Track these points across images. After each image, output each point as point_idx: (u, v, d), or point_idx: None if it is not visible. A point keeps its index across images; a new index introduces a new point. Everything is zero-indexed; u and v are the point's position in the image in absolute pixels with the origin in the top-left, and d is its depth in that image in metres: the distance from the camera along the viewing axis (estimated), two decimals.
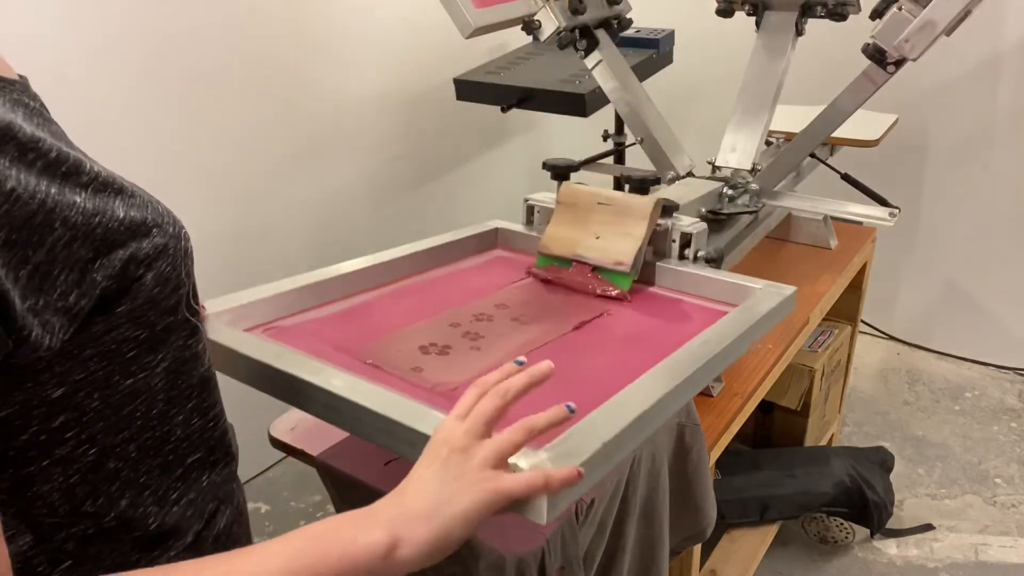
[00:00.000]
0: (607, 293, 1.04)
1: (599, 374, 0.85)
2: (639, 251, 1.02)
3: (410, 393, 0.75)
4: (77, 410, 0.51)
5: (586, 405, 0.68)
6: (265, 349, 0.78)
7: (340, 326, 0.94)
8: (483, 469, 0.55)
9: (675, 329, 0.97)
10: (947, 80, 2.14)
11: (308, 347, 0.85)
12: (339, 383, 0.71)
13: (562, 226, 1.10)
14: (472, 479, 0.55)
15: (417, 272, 1.13)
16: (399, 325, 0.94)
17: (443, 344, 0.89)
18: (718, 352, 0.81)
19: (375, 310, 1.00)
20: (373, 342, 0.88)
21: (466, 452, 0.56)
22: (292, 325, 0.93)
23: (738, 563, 1.54)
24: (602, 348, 0.91)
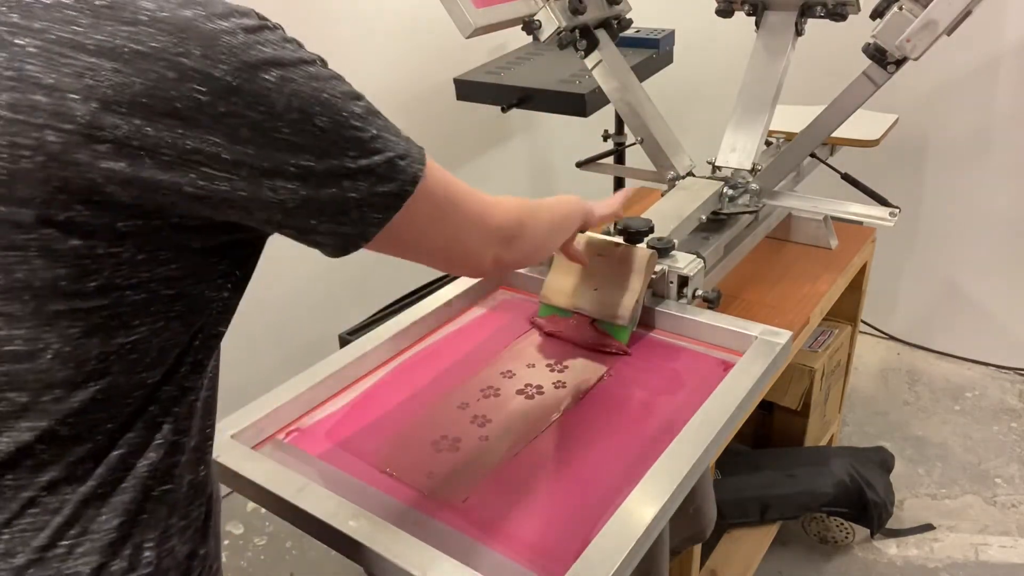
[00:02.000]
0: (607, 348, 1.09)
1: (603, 460, 0.90)
2: (636, 304, 1.07)
3: (425, 509, 0.83)
4: (214, 345, 0.63)
5: (589, 503, 0.81)
6: (287, 481, 0.83)
7: (355, 421, 0.98)
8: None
9: (675, 393, 1.01)
10: (947, 80, 2.14)
11: (327, 455, 0.92)
12: (355, 525, 0.77)
13: (561, 275, 1.14)
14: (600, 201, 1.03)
15: (427, 334, 1.16)
16: (412, 411, 0.99)
17: (453, 437, 0.94)
18: (715, 435, 0.86)
19: (387, 394, 1.03)
20: (389, 443, 0.93)
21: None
22: (310, 427, 0.98)
23: (738, 563, 1.54)
24: (604, 424, 0.95)
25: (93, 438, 0.56)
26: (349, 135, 0.57)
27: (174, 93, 0.49)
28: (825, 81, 1.61)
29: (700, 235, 1.32)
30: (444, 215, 0.67)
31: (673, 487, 0.78)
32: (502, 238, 0.75)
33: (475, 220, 0.72)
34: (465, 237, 0.72)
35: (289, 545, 1.88)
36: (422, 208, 0.64)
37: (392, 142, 0.61)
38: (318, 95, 0.55)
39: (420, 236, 0.67)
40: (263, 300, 1.87)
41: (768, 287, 1.36)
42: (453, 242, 0.71)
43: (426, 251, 0.70)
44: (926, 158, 2.26)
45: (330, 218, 0.58)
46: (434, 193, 0.65)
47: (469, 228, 0.72)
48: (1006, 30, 2.02)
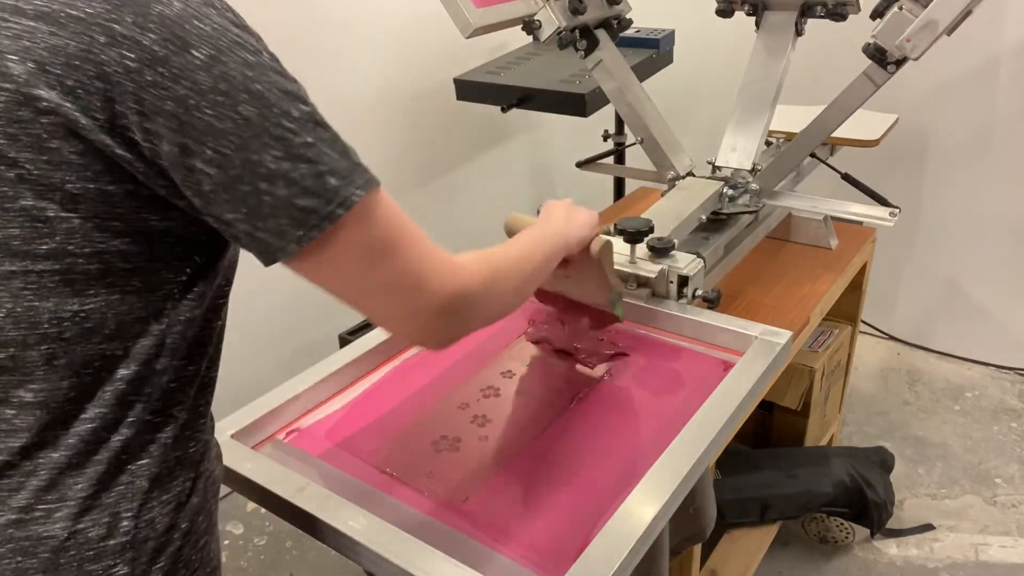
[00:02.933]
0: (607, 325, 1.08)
1: (603, 459, 0.90)
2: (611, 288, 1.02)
3: (425, 509, 0.83)
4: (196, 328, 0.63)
5: (589, 502, 0.82)
6: (287, 481, 0.83)
7: (356, 421, 0.98)
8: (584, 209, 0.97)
9: (675, 393, 1.01)
10: (947, 80, 2.14)
11: (327, 455, 0.92)
12: (355, 525, 0.77)
13: None
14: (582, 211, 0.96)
15: None
16: (412, 411, 1.00)
17: (454, 437, 0.94)
18: (715, 435, 0.86)
19: (387, 394, 1.04)
20: (389, 443, 0.93)
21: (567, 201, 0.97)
22: (310, 427, 0.98)
23: (738, 563, 1.54)
24: (605, 424, 0.95)
25: (61, 408, 0.57)
26: (276, 132, 0.55)
27: (104, 57, 0.51)
28: (825, 81, 1.60)
29: (700, 235, 1.32)
30: (377, 260, 0.60)
31: (673, 487, 0.78)
32: (449, 309, 0.64)
33: (413, 280, 0.62)
34: (395, 295, 0.62)
35: (289, 545, 1.88)
36: (353, 242, 0.58)
37: (329, 157, 0.57)
38: (248, 83, 0.54)
39: (347, 275, 0.60)
40: (263, 300, 1.87)
41: (768, 287, 1.36)
42: (382, 296, 0.62)
43: (353, 295, 0.62)
44: (926, 158, 2.26)
45: (246, 218, 0.56)
46: (372, 230, 0.59)
47: (404, 287, 0.62)
48: (1006, 30, 2.02)
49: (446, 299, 0.64)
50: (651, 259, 1.14)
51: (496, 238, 2.52)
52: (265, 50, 0.57)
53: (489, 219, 2.56)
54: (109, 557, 0.58)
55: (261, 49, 0.56)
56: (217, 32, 0.54)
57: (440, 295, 0.63)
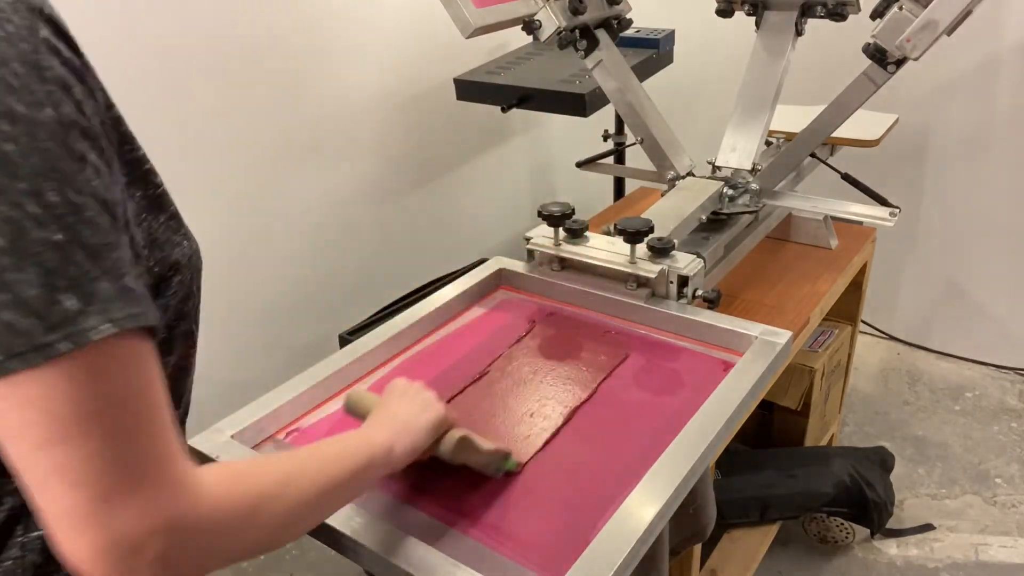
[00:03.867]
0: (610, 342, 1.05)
1: (603, 459, 0.89)
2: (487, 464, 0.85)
3: (425, 509, 0.82)
4: None
5: (589, 503, 0.81)
6: None
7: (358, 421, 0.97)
8: (432, 397, 0.79)
9: (675, 393, 1.01)
10: (947, 80, 2.14)
11: None
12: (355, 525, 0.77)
13: None
14: (427, 401, 0.78)
15: (426, 335, 1.16)
16: None
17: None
18: (715, 435, 0.86)
19: None
20: None
21: (415, 386, 0.81)
22: (310, 427, 0.97)
23: (738, 563, 1.54)
24: (605, 424, 0.95)
25: None
26: (7, 214, 0.40)
27: None
28: (825, 81, 1.61)
29: (700, 235, 1.32)
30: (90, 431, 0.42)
31: (673, 487, 0.78)
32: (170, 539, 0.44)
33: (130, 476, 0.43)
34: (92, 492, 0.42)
35: (289, 545, 1.88)
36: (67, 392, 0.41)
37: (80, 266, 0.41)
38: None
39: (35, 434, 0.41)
40: (263, 300, 1.87)
41: (768, 287, 1.36)
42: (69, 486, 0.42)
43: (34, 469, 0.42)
44: (926, 158, 2.26)
45: None
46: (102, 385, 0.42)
47: (113, 483, 0.43)
48: (1006, 30, 2.02)
49: (165, 520, 0.44)
50: (651, 259, 1.14)
51: (495, 238, 2.53)
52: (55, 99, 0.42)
53: (489, 219, 2.56)
54: None
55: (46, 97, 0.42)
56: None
57: (157, 511, 0.44)
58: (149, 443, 0.44)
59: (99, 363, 0.42)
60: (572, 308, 1.20)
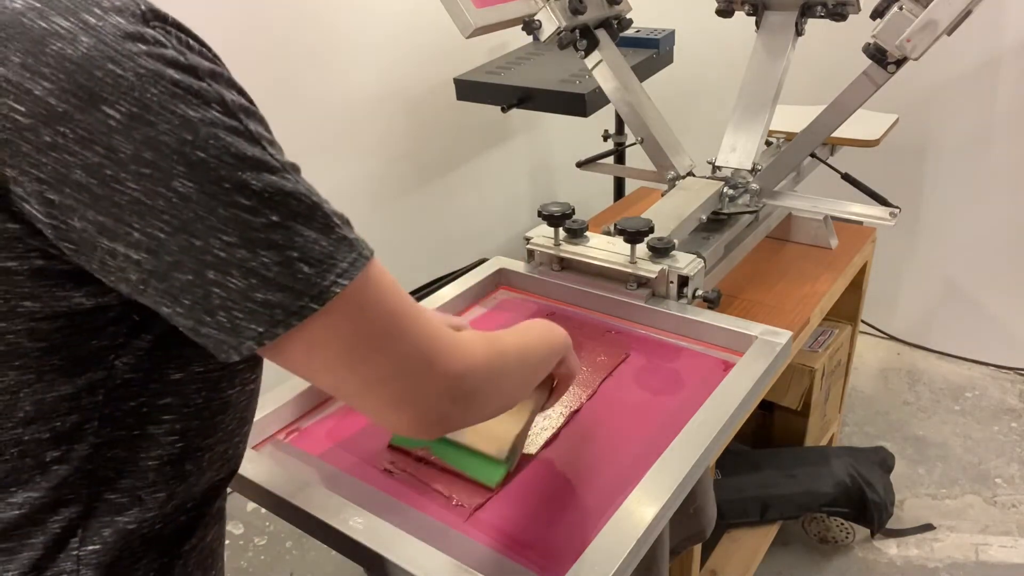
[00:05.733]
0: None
1: (603, 459, 0.89)
2: (517, 438, 0.86)
3: (425, 509, 0.82)
4: (184, 398, 0.53)
5: (589, 502, 0.81)
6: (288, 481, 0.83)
7: (356, 421, 0.98)
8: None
9: (675, 393, 1.01)
10: (947, 80, 2.14)
11: (327, 455, 0.91)
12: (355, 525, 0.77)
13: None
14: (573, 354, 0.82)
15: None
16: None
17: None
18: (715, 435, 0.86)
19: None
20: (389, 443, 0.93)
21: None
22: (310, 426, 0.97)
23: (738, 563, 1.54)
24: (605, 424, 0.95)
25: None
26: (226, 213, 0.43)
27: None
28: (825, 81, 1.61)
29: (700, 235, 1.32)
30: (371, 351, 0.50)
31: (673, 487, 0.78)
32: (456, 394, 0.55)
33: (415, 365, 0.52)
34: (404, 381, 0.52)
35: (289, 545, 1.88)
36: (335, 336, 0.48)
37: (302, 238, 0.46)
38: (186, 150, 0.41)
39: (333, 366, 0.50)
40: None
41: (768, 287, 1.36)
42: (382, 385, 0.51)
43: (342, 390, 0.52)
44: (926, 158, 2.26)
45: (188, 312, 0.45)
46: (360, 320, 0.49)
47: (411, 371, 0.52)
48: (1006, 30, 2.02)
49: (452, 382, 0.55)
50: (651, 259, 1.14)
51: (496, 238, 2.54)
52: (218, 98, 0.44)
53: (489, 219, 2.56)
54: None
55: (211, 98, 0.43)
56: (142, 80, 0.41)
57: (445, 379, 0.54)
58: (419, 331, 0.53)
59: (349, 303, 0.48)
60: (572, 308, 1.20)
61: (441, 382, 0.54)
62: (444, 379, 0.54)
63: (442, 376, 0.54)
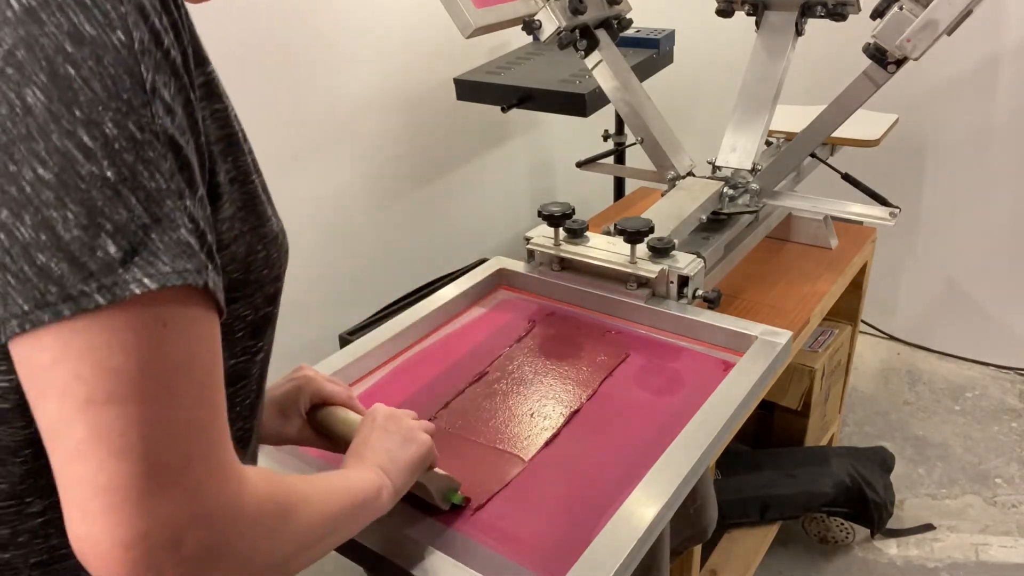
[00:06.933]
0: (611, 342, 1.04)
1: (604, 460, 0.89)
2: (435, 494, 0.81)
3: (426, 509, 0.81)
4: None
5: (590, 503, 0.81)
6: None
7: None
8: (415, 427, 0.73)
9: (675, 393, 1.01)
10: (947, 80, 2.13)
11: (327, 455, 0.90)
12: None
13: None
14: (408, 434, 0.71)
15: (426, 335, 1.16)
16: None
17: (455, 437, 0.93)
18: (716, 435, 0.86)
19: (387, 394, 1.03)
20: None
21: (395, 416, 0.73)
22: None
23: (738, 563, 1.54)
24: (605, 424, 0.95)
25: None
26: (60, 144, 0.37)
27: None
28: (825, 81, 1.61)
29: (700, 235, 1.32)
30: (144, 400, 0.37)
31: (674, 487, 0.78)
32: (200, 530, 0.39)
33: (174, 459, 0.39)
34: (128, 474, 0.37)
35: None
36: (110, 351, 0.37)
37: (127, 215, 0.37)
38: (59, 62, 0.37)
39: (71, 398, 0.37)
40: None
41: (768, 287, 1.36)
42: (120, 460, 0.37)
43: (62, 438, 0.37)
44: (926, 158, 2.26)
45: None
46: (158, 348, 0.38)
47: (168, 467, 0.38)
48: (1006, 30, 2.02)
49: (191, 515, 0.39)
50: (651, 259, 1.14)
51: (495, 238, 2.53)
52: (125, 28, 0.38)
53: (489, 219, 2.56)
54: None
55: (118, 25, 0.38)
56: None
57: (187, 506, 0.39)
58: (202, 421, 0.40)
59: (145, 322, 0.37)
60: (572, 308, 1.20)
61: (199, 498, 0.39)
62: (204, 496, 0.39)
63: (205, 491, 0.39)
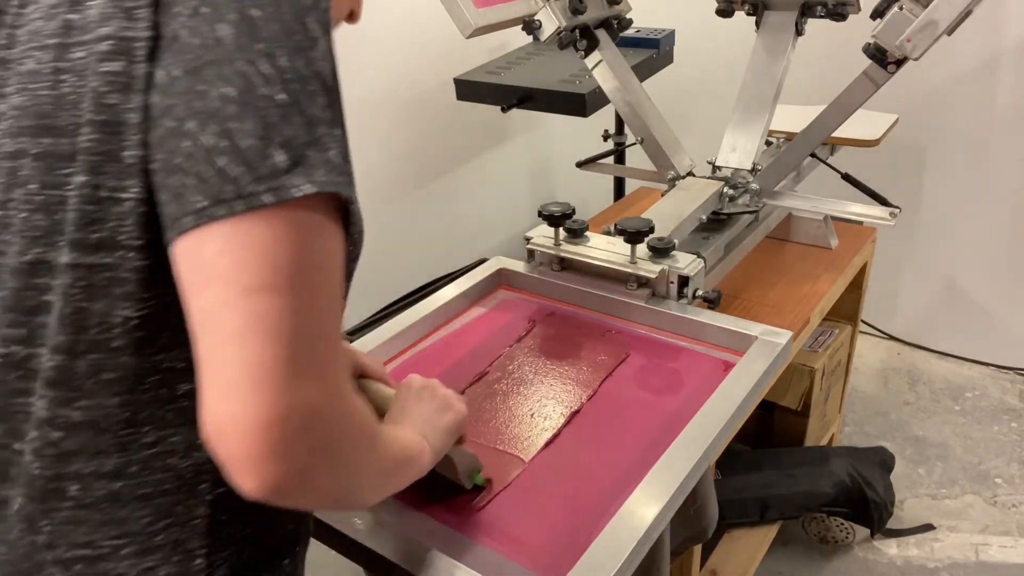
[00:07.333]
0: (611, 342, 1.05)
1: (604, 460, 0.89)
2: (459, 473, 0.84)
3: (426, 509, 0.81)
4: None
5: (590, 503, 0.81)
6: None
7: None
8: (451, 396, 0.76)
9: (676, 393, 1.00)
10: (947, 80, 2.14)
11: None
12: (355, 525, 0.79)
13: None
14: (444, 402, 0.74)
15: (426, 335, 1.16)
16: None
17: None
18: (716, 435, 0.86)
19: None
20: None
21: (430, 385, 0.76)
22: None
23: (738, 563, 1.54)
24: (605, 424, 0.95)
25: (113, 430, 0.49)
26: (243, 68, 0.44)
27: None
28: (825, 81, 1.61)
29: (700, 235, 1.32)
30: (289, 290, 0.42)
31: (674, 487, 0.78)
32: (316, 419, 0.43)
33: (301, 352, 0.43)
34: (285, 350, 0.42)
35: None
36: (266, 244, 0.42)
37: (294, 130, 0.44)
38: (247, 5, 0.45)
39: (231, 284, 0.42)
40: None
41: (768, 287, 1.36)
42: (266, 339, 0.42)
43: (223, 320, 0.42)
44: (926, 158, 2.26)
45: (161, 167, 0.45)
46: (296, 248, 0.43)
47: (285, 355, 0.42)
48: (1006, 30, 2.02)
49: (326, 404, 0.44)
50: (651, 259, 1.14)
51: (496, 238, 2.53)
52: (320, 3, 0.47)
53: (489, 219, 2.56)
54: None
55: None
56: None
57: (322, 393, 0.44)
58: (333, 324, 0.45)
59: (301, 223, 0.43)
60: (572, 308, 1.20)
61: (322, 388, 0.44)
62: (324, 387, 0.44)
63: (312, 387, 0.43)
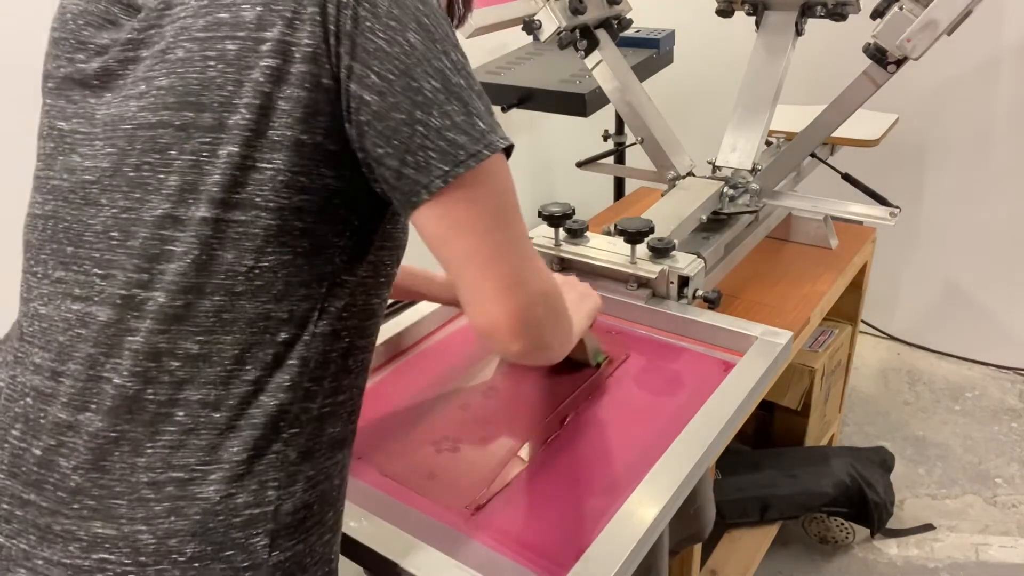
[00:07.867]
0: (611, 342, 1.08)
1: (604, 460, 0.89)
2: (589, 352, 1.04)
3: (426, 509, 0.83)
4: (351, 298, 0.63)
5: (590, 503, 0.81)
6: None
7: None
8: (588, 287, 1.00)
9: (675, 393, 1.01)
10: (947, 80, 2.14)
11: None
12: (355, 525, 0.78)
13: None
14: (585, 290, 0.99)
15: (426, 335, 1.16)
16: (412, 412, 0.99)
17: (454, 438, 0.93)
18: (716, 435, 0.86)
19: (387, 394, 1.03)
20: (389, 444, 0.93)
21: (571, 280, 1.00)
22: None
23: (738, 563, 1.54)
24: (605, 424, 0.95)
25: (223, 366, 0.58)
26: (437, 64, 0.56)
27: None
28: (825, 81, 1.61)
29: (700, 235, 1.32)
30: (503, 220, 0.60)
31: (674, 488, 0.78)
32: (544, 302, 0.63)
33: (524, 254, 0.61)
34: (520, 260, 0.61)
35: None
36: (488, 192, 0.58)
37: (476, 104, 0.58)
38: (419, 15, 0.56)
39: (480, 224, 0.58)
40: None
41: (768, 287, 1.36)
42: (505, 259, 0.60)
43: (478, 254, 0.59)
44: (926, 158, 2.26)
45: (396, 152, 0.56)
46: (503, 187, 0.60)
47: (525, 255, 0.61)
48: (1006, 30, 2.02)
49: (545, 290, 0.63)
50: (651, 259, 1.14)
51: None
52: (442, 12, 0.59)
53: None
54: (252, 526, 0.58)
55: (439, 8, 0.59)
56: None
57: (541, 284, 0.62)
58: (527, 231, 0.63)
59: (503, 166, 0.59)
60: None
61: (537, 283, 0.62)
62: (539, 282, 0.62)
63: (537, 279, 0.62)
